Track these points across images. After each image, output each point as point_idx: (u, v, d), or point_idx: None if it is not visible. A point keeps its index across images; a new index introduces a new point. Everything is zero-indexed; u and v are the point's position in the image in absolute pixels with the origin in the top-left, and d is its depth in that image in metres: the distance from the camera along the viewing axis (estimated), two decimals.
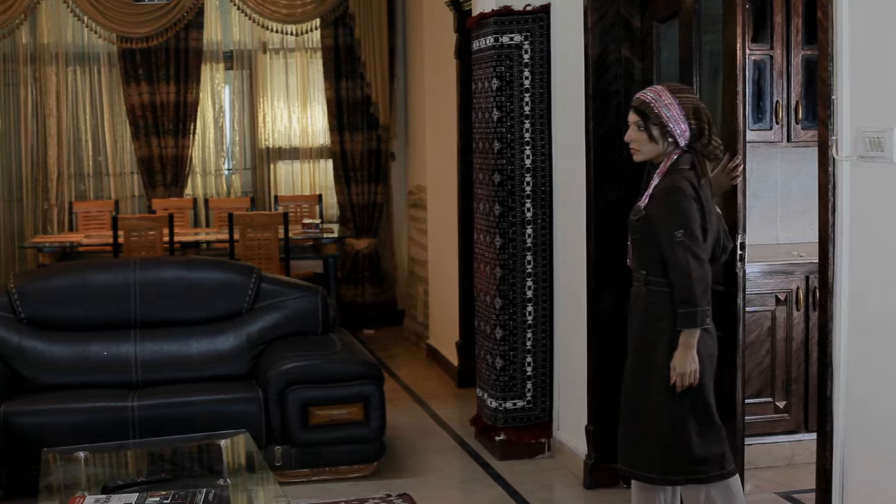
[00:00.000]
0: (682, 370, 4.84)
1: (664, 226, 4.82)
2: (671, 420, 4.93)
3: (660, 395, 4.94)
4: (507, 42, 6.98)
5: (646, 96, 4.95)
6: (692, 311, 4.78)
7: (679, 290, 4.79)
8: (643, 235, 4.96)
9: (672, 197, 4.83)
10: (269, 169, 12.06)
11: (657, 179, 4.93)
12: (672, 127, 4.88)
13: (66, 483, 5.16)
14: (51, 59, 11.53)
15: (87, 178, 11.80)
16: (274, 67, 12.09)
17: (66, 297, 7.18)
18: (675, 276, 4.81)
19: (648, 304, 4.98)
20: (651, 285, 4.96)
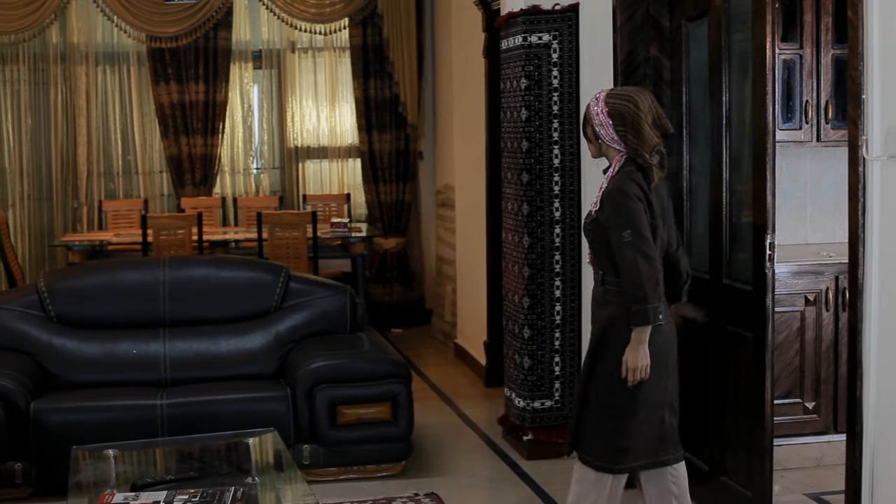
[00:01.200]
0: (633, 365, 4.94)
1: (612, 227, 4.93)
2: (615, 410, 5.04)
3: (615, 388, 5.03)
4: (536, 41, 6.97)
5: (589, 104, 5.11)
6: (643, 309, 4.87)
7: (629, 289, 4.90)
8: (595, 238, 5.09)
9: (617, 198, 4.94)
10: (297, 168, 12.09)
11: (605, 183, 5.06)
12: (599, 131, 5.05)
13: (95, 480, 5.19)
14: (81, 59, 11.58)
15: (117, 177, 11.85)
16: (302, 67, 12.11)
17: (96, 296, 7.21)
18: (624, 275, 4.91)
19: (604, 302, 5.11)
20: (607, 284, 5.09)
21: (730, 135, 5.76)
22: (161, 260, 7.50)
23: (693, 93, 6.22)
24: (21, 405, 6.45)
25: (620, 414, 5.05)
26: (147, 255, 9.73)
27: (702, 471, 6.11)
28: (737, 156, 5.74)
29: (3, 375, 6.50)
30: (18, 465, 6.46)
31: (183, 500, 4.66)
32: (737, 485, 5.74)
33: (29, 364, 6.87)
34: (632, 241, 4.87)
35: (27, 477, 6.48)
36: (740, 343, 5.64)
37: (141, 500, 4.70)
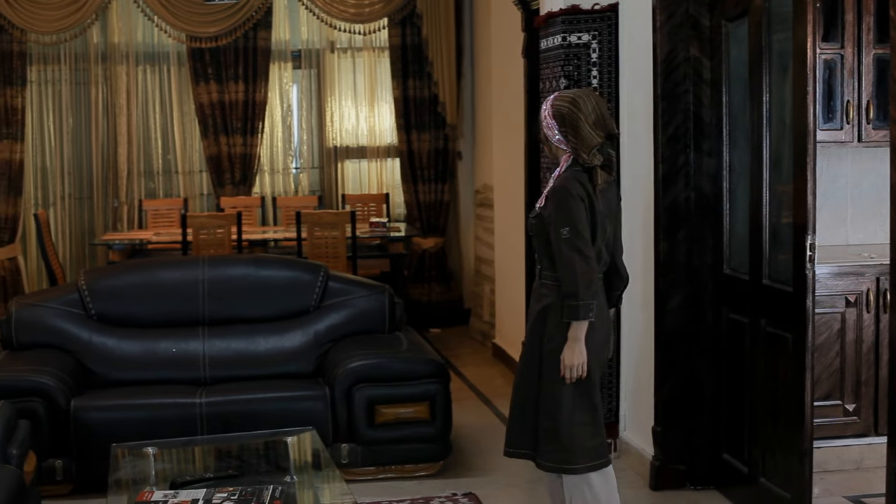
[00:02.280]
0: (570, 362, 5.04)
1: (553, 224, 5.04)
2: (563, 407, 5.12)
3: (554, 386, 5.12)
4: (575, 41, 6.96)
5: (542, 107, 5.19)
6: (575, 305, 4.98)
7: (564, 284, 5.02)
8: (537, 233, 5.19)
9: (560, 196, 5.05)
10: (336, 168, 12.11)
11: (552, 181, 5.17)
12: (546, 132, 5.16)
13: (134, 478, 5.21)
14: (121, 59, 11.65)
15: (157, 176, 11.91)
16: (342, 66, 12.13)
17: (136, 294, 7.25)
18: (561, 271, 5.03)
19: (540, 296, 5.22)
20: (544, 279, 5.21)
21: (770, 135, 5.74)
22: (200, 259, 7.52)
23: (733, 93, 6.20)
24: (62, 403, 6.49)
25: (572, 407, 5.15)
26: (186, 254, 9.77)
27: (741, 472, 6.09)
28: (777, 156, 5.72)
29: (43, 373, 6.55)
30: (59, 463, 6.50)
31: (222, 498, 4.68)
32: (776, 487, 5.71)
33: (69, 362, 6.91)
34: (570, 238, 4.98)
35: (67, 474, 6.53)
36: (780, 344, 5.61)
37: (180, 497, 4.72)
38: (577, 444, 5.15)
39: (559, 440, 5.14)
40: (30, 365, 6.67)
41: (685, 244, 6.43)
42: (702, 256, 6.42)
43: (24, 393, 6.38)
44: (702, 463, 6.49)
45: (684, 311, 6.45)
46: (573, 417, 5.14)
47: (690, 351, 6.47)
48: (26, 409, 6.17)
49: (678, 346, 6.46)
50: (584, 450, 5.16)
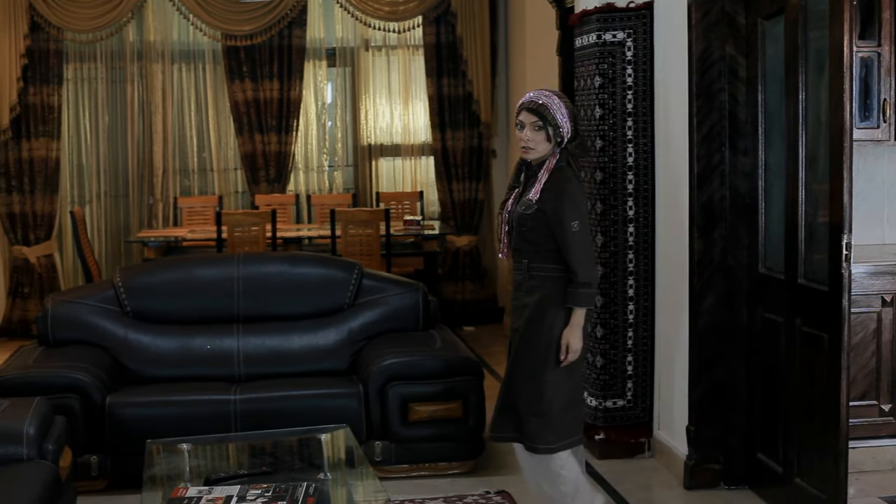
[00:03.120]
0: (575, 346, 5.29)
1: (563, 217, 5.22)
2: (561, 392, 5.36)
3: (553, 371, 5.32)
4: (610, 39, 6.94)
5: (541, 99, 5.33)
6: (591, 293, 5.29)
7: (581, 274, 5.23)
8: (534, 227, 5.31)
9: (569, 190, 5.26)
10: (370, 166, 12.12)
11: (546, 175, 5.30)
12: (562, 129, 5.29)
13: (169, 474, 5.23)
14: (157, 57, 11.70)
15: (192, 174, 11.96)
16: (376, 64, 12.15)
17: (171, 291, 7.27)
18: (575, 261, 5.23)
19: (532, 288, 5.37)
20: (534, 272, 5.36)
21: (806, 134, 5.71)
22: (235, 256, 7.54)
23: (769, 91, 6.17)
24: (97, 399, 6.53)
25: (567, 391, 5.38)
26: (221, 251, 9.80)
27: (776, 472, 6.07)
28: (813, 155, 5.69)
29: (79, 369, 6.58)
30: (94, 458, 6.53)
31: (255, 494, 4.69)
32: (811, 487, 5.69)
33: (105, 358, 6.94)
34: (580, 231, 5.23)
35: (103, 469, 6.56)
36: (816, 344, 5.59)
37: (214, 494, 4.73)
38: (570, 424, 5.42)
39: (554, 422, 5.35)
40: (66, 361, 6.71)
41: (720, 243, 6.40)
42: (737, 255, 6.40)
43: (60, 389, 6.42)
44: (736, 462, 6.47)
45: (719, 310, 6.43)
46: (569, 399, 5.40)
47: (725, 350, 6.44)
48: (62, 405, 6.19)
49: (713, 346, 6.44)
50: (575, 429, 5.46)
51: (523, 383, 5.39)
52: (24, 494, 4.67)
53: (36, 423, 5.17)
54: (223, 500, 4.66)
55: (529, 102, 5.33)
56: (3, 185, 11.24)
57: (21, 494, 4.66)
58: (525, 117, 5.33)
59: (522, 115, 5.34)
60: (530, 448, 5.42)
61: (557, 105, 5.30)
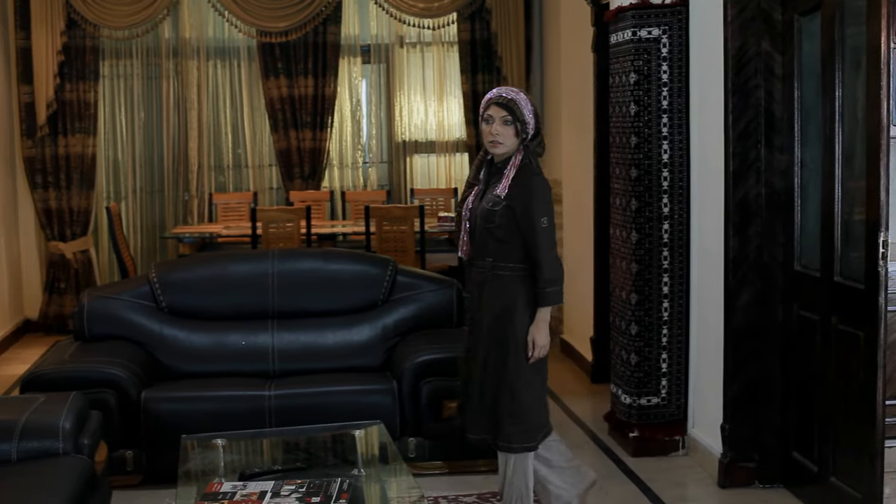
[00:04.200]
0: (542, 342, 5.35)
1: (533, 213, 5.27)
2: (534, 390, 5.42)
3: (524, 370, 5.37)
4: (646, 36, 6.93)
5: (512, 95, 5.39)
6: (558, 290, 5.34)
7: (548, 271, 5.29)
8: (501, 223, 5.32)
9: (539, 187, 5.34)
10: (405, 162, 12.13)
11: (513, 171, 5.35)
12: (528, 125, 5.37)
13: (203, 469, 5.25)
14: (192, 53, 11.74)
15: (227, 170, 12.00)
16: (411, 61, 12.15)
17: (206, 287, 7.30)
18: (542, 258, 5.28)
19: (502, 288, 5.37)
20: (498, 270, 5.37)
21: (842, 131, 5.68)
22: (270, 253, 7.56)
23: (805, 88, 6.14)
24: (132, 394, 6.56)
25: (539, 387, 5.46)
26: (256, 247, 9.83)
27: (811, 471, 6.04)
28: (849, 152, 5.66)
29: (114, 364, 6.61)
30: (129, 453, 6.56)
31: (289, 490, 4.70)
32: (846, 486, 5.66)
33: (140, 353, 6.97)
34: (548, 228, 5.30)
35: (138, 464, 6.59)
36: (851, 342, 5.56)
37: (249, 489, 4.75)
38: (538, 422, 5.48)
39: (526, 420, 5.41)
40: (101, 356, 6.74)
41: (756, 240, 6.38)
42: (772, 253, 6.37)
43: (96, 384, 6.45)
44: (771, 461, 6.44)
45: (754, 307, 6.40)
46: (539, 396, 5.47)
47: (760, 348, 6.42)
48: (98, 400, 6.23)
49: (747, 343, 6.42)
50: (542, 426, 5.50)
51: (498, 384, 5.39)
52: (60, 488, 4.69)
53: (72, 418, 5.20)
54: (257, 495, 4.67)
55: (498, 97, 5.39)
56: (40, 181, 11.30)
57: (57, 488, 4.68)
58: (494, 111, 5.38)
59: (491, 110, 5.39)
60: (506, 448, 5.44)
61: (525, 101, 5.38)
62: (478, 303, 5.48)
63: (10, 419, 5.17)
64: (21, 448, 5.04)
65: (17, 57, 11.22)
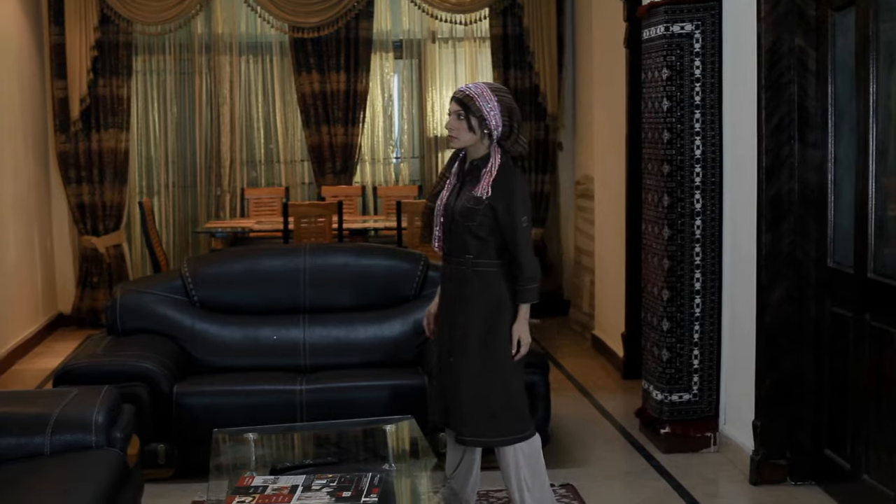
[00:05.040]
0: (526, 339, 5.44)
1: (514, 213, 5.33)
2: (516, 386, 5.48)
3: (508, 366, 5.43)
4: (678, 31, 6.90)
5: (468, 90, 5.41)
6: (536, 288, 5.41)
7: (528, 269, 5.36)
8: (483, 223, 5.34)
9: (520, 186, 5.40)
10: (437, 157, 12.13)
11: (494, 172, 5.35)
12: (489, 120, 5.34)
13: (235, 463, 5.26)
14: (225, 49, 11.78)
15: (259, 166, 12.03)
16: (443, 56, 12.16)
17: (238, 282, 7.32)
18: (523, 257, 5.36)
19: (482, 284, 5.40)
20: (477, 267, 5.40)
21: (877, 126, 5.65)
22: (302, 247, 7.57)
23: (839, 83, 6.11)
24: (165, 388, 6.58)
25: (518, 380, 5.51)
26: (288, 242, 9.85)
27: (843, 469, 6.02)
28: (883, 148, 5.62)
29: (147, 358, 6.64)
30: (161, 447, 6.58)
31: (320, 484, 4.71)
32: (880, 484, 5.63)
33: (172, 348, 7.00)
34: (527, 227, 5.37)
35: (170, 458, 6.61)
36: (885, 339, 5.53)
37: (280, 483, 4.76)
38: (524, 413, 5.52)
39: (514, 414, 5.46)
40: (134, 350, 6.77)
41: (789, 237, 6.35)
42: (805, 249, 6.35)
43: (129, 378, 6.48)
44: (803, 458, 6.42)
45: (787, 303, 6.38)
46: (520, 391, 5.52)
47: (792, 344, 6.39)
48: (130, 393, 6.24)
49: (780, 340, 6.40)
50: (528, 417, 5.55)
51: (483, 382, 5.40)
52: (93, 481, 4.71)
53: (104, 411, 5.22)
54: (288, 489, 4.68)
55: (457, 92, 5.45)
56: (73, 176, 11.36)
57: (89, 481, 4.70)
58: (451, 106, 5.44)
59: (450, 105, 5.46)
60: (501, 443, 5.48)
61: (487, 98, 5.37)
62: (456, 297, 5.49)
63: (44, 412, 5.19)
64: (54, 441, 5.06)
65: (51, 52, 11.28)
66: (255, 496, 4.63)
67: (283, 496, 4.62)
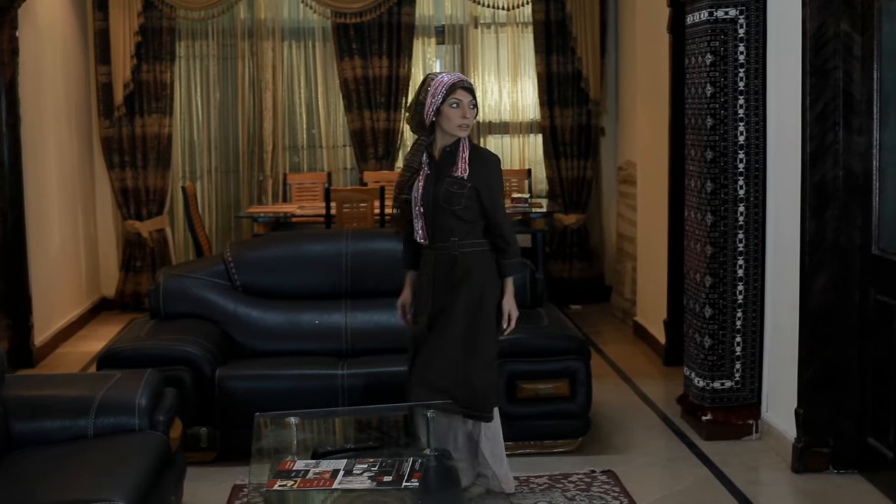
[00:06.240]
0: (515, 313, 5.73)
1: (495, 192, 5.62)
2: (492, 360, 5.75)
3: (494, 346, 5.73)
4: (722, 16, 6.86)
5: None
6: (520, 262, 5.81)
7: (512, 245, 5.65)
8: (468, 205, 5.55)
9: (497, 166, 5.74)
10: (478, 143, 12.10)
11: (467, 153, 5.59)
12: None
13: (276, 447, 5.27)
14: (267, 34, 11.79)
15: (301, 151, 12.06)
16: (485, 42, 12.13)
17: (280, 267, 7.34)
18: (508, 234, 5.64)
19: (471, 263, 5.60)
20: (464, 249, 5.59)
21: None
22: (344, 232, 7.58)
23: (885, 69, 6.07)
24: (207, 372, 6.61)
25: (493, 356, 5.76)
26: (330, 227, 9.87)
27: (886, 457, 5.99)
28: None
29: (190, 342, 6.67)
30: (204, 430, 6.62)
31: (362, 469, 4.72)
32: None
33: (215, 332, 7.03)
34: (503, 205, 5.67)
35: (212, 441, 6.65)
36: None
37: (321, 467, 4.77)
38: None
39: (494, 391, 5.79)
40: (177, 334, 6.81)
41: (833, 223, 6.31)
42: (849, 236, 6.30)
43: (172, 362, 6.51)
44: (846, 446, 6.38)
45: (830, 290, 6.34)
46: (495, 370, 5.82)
47: (836, 332, 6.36)
48: (173, 377, 6.28)
49: (823, 327, 6.36)
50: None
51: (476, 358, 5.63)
52: (136, 463, 4.75)
53: (147, 395, 5.26)
54: (330, 473, 4.70)
55: (466, 82, 5.60)
56: (117, 161, 11.43)
57: (133, 463, 4.74)
58: (462, 96, 5.56)
59: (459, 94, 5.55)
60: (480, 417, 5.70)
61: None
62: (444, 282, 5.63)
63: (88, 395, 5.24)
64: (98, 424, 5.11)
65: (95, 38, 11.34)
66: (296, 480, 4.65)
67: (324, 480, 4.64)
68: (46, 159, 9.96)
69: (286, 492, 4.63)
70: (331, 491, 4.62)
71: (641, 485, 6.33)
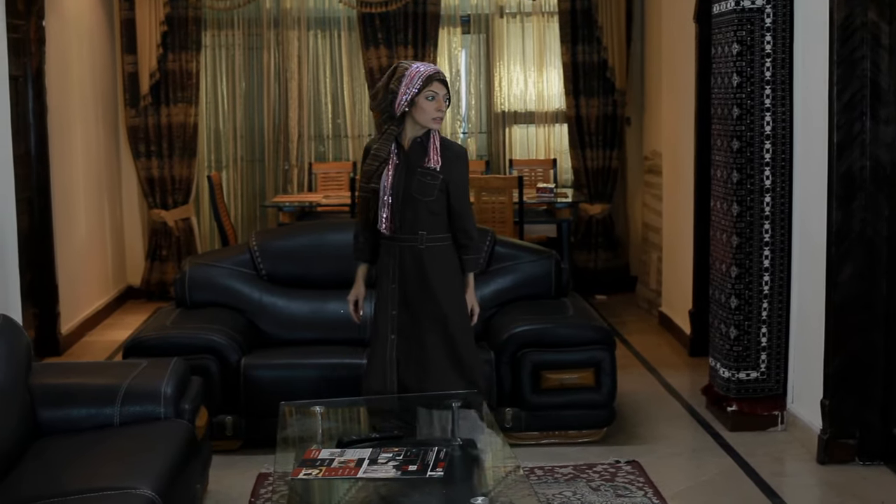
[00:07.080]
0: (478, 309, 5.86)
1: (464, 184, 5.68)
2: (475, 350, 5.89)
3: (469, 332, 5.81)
4: (749, 6, 6.83)
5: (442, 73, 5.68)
6: (480, 257, 6.04)
7: (475, 241, 5.76)
8: (438, 197, 5.60)
9: (467, 162, 5.76)
10: (504, 133, 12.11)
11: (438, 144, 5.61)
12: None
13: (302, 436, 5.28)
14: (293, 24, 11.80)
15: (327, 140, 12.07)
16: (511, 31, 12.12)
17: (305, 256, 7.35)
18: (472, 230, 5.70)
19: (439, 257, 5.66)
20: (433, 242, 5.63)
21: None
22: None
23: None
24: (232, 360, 6.64)
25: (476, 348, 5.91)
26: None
27: None
28: None
29: (215, 331, 6.69)
30: (229, 419, 6.65)
31: (387, 458, 4.73)
32: None
33: (240, 321, 7.05)
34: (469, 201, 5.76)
35: (237, 430, 6.67)
36: None
37: (346, 456, 4.78)
38: None
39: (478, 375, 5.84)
40: (202, 323, 6.83)
41: (860, 214, 6.28)
42: (876, 227, 6.28)
43: (197, 350, 6.54)
44: (872, 438, 6.36)
45: (857, 281, 6.31)
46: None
47: (863, 323, 6.33)
48: (199, 366, 6.31)
49: (850, 318, 6.33)
50: None
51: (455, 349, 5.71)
52: (162, 451, 4.77)
53: (173, 383, 5.28)
54: (355, 462, 4.70)
55: (442, 75, 5.65)
56: (143, 150, 11.45)
57: (159, 451, 4.76)
58: (438, 88, 5.58)
59: (436, 87, 5.57)
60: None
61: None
62: (410, 275, 5.69)
63: (114, 383, 5.26)
64: (124, 412, 5.13)
65: (122, 28, 11.36)
66: (321, 469, 4.66)
67: (349, 469, 4.64)
68: (73, 149, 9.99)
69: (311, 480, 4.64)
70: (355, 480, 4.63)
71: (666, 475, 6.32)
